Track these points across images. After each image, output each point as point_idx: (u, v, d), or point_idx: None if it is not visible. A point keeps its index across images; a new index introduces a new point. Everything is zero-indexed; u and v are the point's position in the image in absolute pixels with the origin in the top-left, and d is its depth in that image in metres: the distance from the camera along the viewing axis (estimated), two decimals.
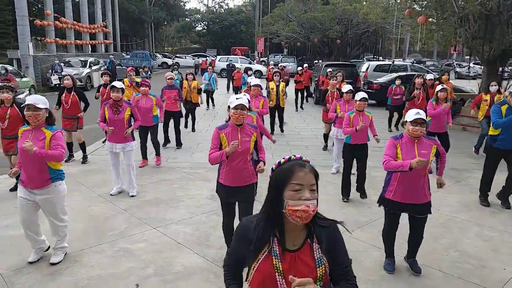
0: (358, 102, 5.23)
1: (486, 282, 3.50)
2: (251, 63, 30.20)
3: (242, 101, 3.30)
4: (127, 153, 5.34)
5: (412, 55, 47.87)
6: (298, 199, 1.47)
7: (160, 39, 56.16)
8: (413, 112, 3.37)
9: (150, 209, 4.99)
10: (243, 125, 3.40)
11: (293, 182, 1.49)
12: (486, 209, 5.20)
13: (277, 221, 1.55)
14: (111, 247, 3.98)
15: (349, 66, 17.04)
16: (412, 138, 3.38)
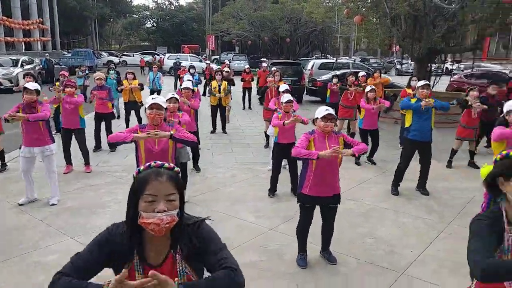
0: (285, 104, 5.44)
1: (394, 265, 3.82)
2: (201, 61, 30.04)
3: (157, 101, 3.35)
4: (47, 158, 4.98)
5: (358, 53, 49.71)
6: (152, 211, 1.41)
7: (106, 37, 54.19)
8: (323, 109, 3.60)
9: (70, 217, 4.73)
10: (160, 126, 3.43)
11: (146, 193, 1.43)
12: (404, 197, 5.62)
13: (137, 233, 1.48)
14: (21, 261, 3.75)
15: (295, 64, 17.48)
16: (323, 133, 3.60)
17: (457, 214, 5.01)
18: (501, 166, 1.66)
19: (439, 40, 11.04)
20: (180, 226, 1.50)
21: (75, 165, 6.55)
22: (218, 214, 4.92)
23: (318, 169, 3.54)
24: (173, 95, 4.98)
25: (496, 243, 1.60)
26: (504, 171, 1.63)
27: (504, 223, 1.61)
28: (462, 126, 6.93)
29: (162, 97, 3.51)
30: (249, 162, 7.32)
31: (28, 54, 23.34)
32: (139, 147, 3.41)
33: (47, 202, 5.13)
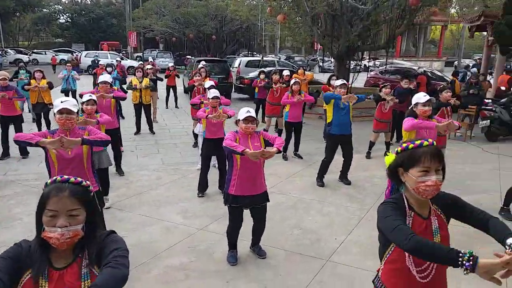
0: (211, 100, 5.40)
1: (320, 253, 3.98)
2: (123, 58, 28.75)
3: (66, 104, 3.09)
4: None
5: (284, 51, 51.21)
6: (53, 226, 1.43)
7: (12, 33, 49.31)
8: (244, 111, 3.62)
9: None
10: (72, 131, 3.18)
11: (48, 208, 1.45)
12: (329, 188, 5.89)
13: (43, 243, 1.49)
14: None
15: (221, 62, 17.46)
16: (245, 134, 3.62)
17: (374, 202, 5.35)
18: (401, 158, 1.77)
19: (356, 38, 11.74)
20: (89, 239, 1.52)
21: None
22: (144, 218, 4.75)
23: (242, 168, 3.55)
24: (91, 96, 4.70)
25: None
26: (403, 163, 1.74)
27: (405, 208, 1.74)
28: (377, 120, 7.44)
29: (73, 100, 3.23)
30: (177, 162, 7.15)
31: None
32: (49, 153, 3.12)
33: None
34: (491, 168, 6.86)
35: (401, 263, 1.75)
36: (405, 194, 1.78)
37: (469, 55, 45.39)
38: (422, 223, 1.73)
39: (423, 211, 1.75)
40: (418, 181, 1.66)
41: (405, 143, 1.79)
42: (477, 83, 9.23)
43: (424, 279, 1.72)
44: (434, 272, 1.72)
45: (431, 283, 1.73)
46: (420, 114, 4.23)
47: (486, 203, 5.09)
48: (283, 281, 3.50)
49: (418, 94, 4.35)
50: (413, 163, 1.69)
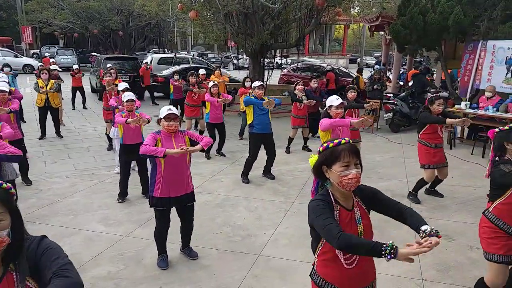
0: (126, 103, 5.16)
1: (251, 249, 4.05)
2: (17, 56, 25.95)
3: None
4: None
5: (196, 47, 50.55)
6: None
7: None
8: (165, 109, 3.54)
9: None
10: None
11: None
12: (253, 184, 6.00)
13: None
14: None
15: (131, 59, 16.70)
16: (169, 133, 3.52)
17: (298, 193, 5.60)
18: (323, 156, 1.92)
19: (268, 36, 12.08)
20: (17, 246, 1.40)
21: None
22: (60, 229, 4.38)
23: (167, 169, 3.46)
24: None
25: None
26: (326, 160, 1.90)
27: (332, 203, 1.89)
28: (294, 116, 7.76)
29: None
30: (91, 167, 6.69)
31: None
32: None
33: None
34: (397, 157, 7.60)
35: (332, 253, 1.90)
36: (331, 190, 1.93)
37: (370, 52, 49.57)
38: (348, 215, 1.90)
39: (348, 203, 1.92)
40: (341, 175, 1.82)
41: (325, 143, 1.94)
42: (380, 79, 10.15)
43: (350, 265, 1.89)
44: (358, 258, 1.89)
45: (357, 268, 1.90)
46: (334, 116, 4.56)
47: (396, 189, 5.64)
48: (217, 280, 3.49)
49: (331, 97, 4.66)
50: (335, 159, 1.85)
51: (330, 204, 1.87)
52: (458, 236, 4.33)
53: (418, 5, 9.22)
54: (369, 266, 1.97)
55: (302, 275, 3.48)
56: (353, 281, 1.90)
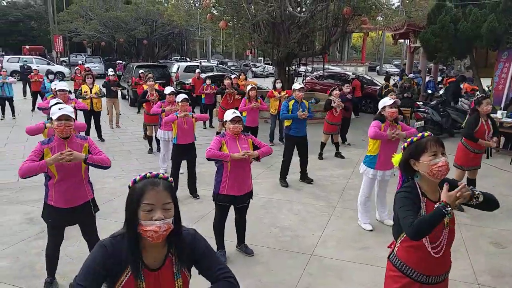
0: (181, 103, 5.49)
1: (302, 248, 4.26)
2: (49, 63, 26.91)
3: (65, 111, 3.01)
4: None
5: (214, 56, 51.30)
6: (150, 219, 1.48)
7: None
8: (230, 112, 3.81)
9: None
10: (71, 138, 3.12)
11: (144, 202, 1.49)
12: (292, 188, 6.22)
13: (136, 240, 1.54)
14: None
15: (161, 67, 17.21)
16: (233, 135, 3.80)
17: (339, 198, 5.79)
18: (409, 151, 2.10)
19: (295, 45, 12.35)
20: (176, 233, 1.58)
21: None
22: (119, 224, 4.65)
23: (232, 170, 3.73)
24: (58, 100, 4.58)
25: (417, 210, 2.03)
26: (413, 154, 2.08)
27: (419, 195, 2.06)
28: (328, 123, 7.96)
29: (69, 107, 3.16)
30: (137, 169, 7.03)
31: None
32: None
33: None
34: None
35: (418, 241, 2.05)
36: (418, 182, 2.09)
37: (389, 60, 49.27)
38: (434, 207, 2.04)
39: (435, 195, 2.07)
40: (431, 164, 1.98)
41: (409, 138, 2.14)
42: (410, 87, 10.27)
43: (438, 253, 2.05)
44: (445, 247, 2.06)
45: (442, 257, 2.07)
46: (388, 116, 4.50)
47: None
48: (276, 276, 3.71)
49: (384, 98, 4.79)
50: (422, 151, 2.03)
51: (417, 196, 2.03)
52: (509, 244, 4.43)
53: (449, 14, 9.35)
54: (449, 254, 2.13)
55: (358, 275, 3.70)
56: (436, 267, 2.08)
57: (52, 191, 3.09)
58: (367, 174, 4.63)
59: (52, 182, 3.08)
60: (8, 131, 9.93)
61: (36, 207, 5.16)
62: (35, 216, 4.89)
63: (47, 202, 3.14)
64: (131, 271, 1.52)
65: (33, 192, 5.77)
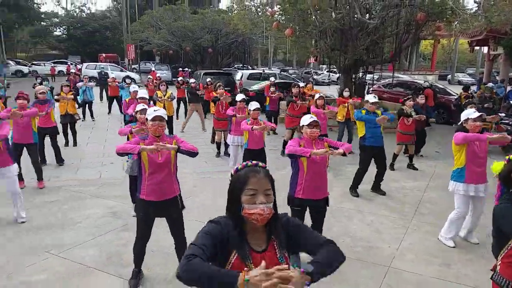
0: (253, 111, 5.61)
1: (378, 260, 4.12)
2: (122, 70, 28.82)
3: (160, 113, 3.28)
4: (8, 180, 4.60)
5: (275, 64, 51.79)
6: (254, 203, 1.60)
7: (11, 44, 49.06)
8: (307, 117, 3.80)
9: (42, 235, 4.46)
10: (161, 137, 3.34)
11: (248, 187, 1.62)
12: (363, 197, 6.04)
13: (239, 223, 1.65)
14: (8, 282, 3.48)
15: (226, 75, 17.69)
16: (310, 139, 3.78)
17: (414, 211, 5.53)
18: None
19: (364, 52, 12.08)
20: (275, 218, 1.69)
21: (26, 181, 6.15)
22: (197, 223, 4.81)
23: (309, 173, 3.70)
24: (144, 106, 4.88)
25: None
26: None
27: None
28: (401, 133, 7.65)
29: (163, 110, 3.41)
30: (207, 171, 7.26)
31: None
32: (142, 157, 3.27)
33: (12, 220, 4.79)
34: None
35: None
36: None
37: (462, 69, 46.40)
38: None
39: None
40: None
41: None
42: (491, 97, 9.58)
43: None
44: None
45: None
46: (471, 130, 4.27)
47: None
48: (351, 286, 3.62)
49: (467, 110, 4.49)
50: None
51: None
52: None
53: None
54: None
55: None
56: None
57: (144, 185, 3.31)
58: (458, 190, 4.33)
59: (145, 176, 3.31)
60: (88, 132, 10.73)
61: (118, 202, 5.54)
62: (118, 211, 5.23)
63: (139, 196, 3.35)
64: (237, 254, 1.61)
65: (113, 188, 6.18)
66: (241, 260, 1.60)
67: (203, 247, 1.54)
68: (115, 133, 10.51)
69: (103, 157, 8.12)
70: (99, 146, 9.06)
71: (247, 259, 1.61)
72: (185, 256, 1.49)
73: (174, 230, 3.52)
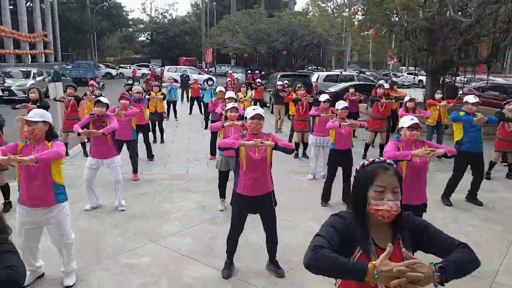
0: (341, 110, 5.49)
1: (482, 273, 3.78)
2: (200, 73, 30.11)
3: (259, 111, 3.36)
4: (113, 169, 5.05)
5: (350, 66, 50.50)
6: (381, 199, 1.57)
7: (102, 49, 54.08)
8: (408, 118, 3.63)
9: (140, 223, 4.79)
10: (258, 135, 3.41)
11: (376, 184, 1.59)
12: (457, 207, 5.61)
13: (364, 219, 1.63)
14: (114, 263, 3.79)
15: (303, 76, 17.63)
16: (409, 141, 3.61)
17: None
18: None
19: (455, 52, 11.27)
20: (401, 216, 1.65)
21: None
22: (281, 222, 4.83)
23: (407, 177, 3.53)
24: (234, 104, 5.07)
25: None
26: None
27: None
28: (499, 139, 6.99)
29: (261, 109, 3.49)
30: (289, 170, 7.27)
31: (34, 66, 23.03)
32: (240, 154, 3.37)
33: (113, 208, 5.20)
34: None
35: None
36: None
37: None
38: None
39: None
40: None
41: None
42: None
43: None
44: None
45: None
46: None
47: None
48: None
49: None
50: None
51: None
52: None
53: None
54: None
55: None
56: None
57: (241, 180, 3.40)
58: None
59: (242, 172, 3.40)
60: (173, 130, 11.33)
61: (205, 197, 5.76)
62: (206, 205, 5.44)
63: (236, 190, 3.46)
64: (362, 249, 1.59)
65: (200, 183, 6.45)
66: (365, 255, 1.58)
67: (328, 239, 1.53)
68: (197, 132, 11.07)
69: (188, 154, 8.52)
70: (183, 144, 9.54)
71: (372, 255, 1.57)
72: (312, 246, 1.48)
73: (267, 224, 3.59)
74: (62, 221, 3.20)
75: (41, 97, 6.59)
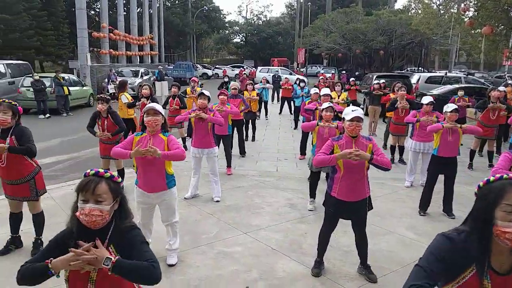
0: (449, 113, 5.07)
1: None
2: (292, 73, 30.27)
3: (358, 113, 3.23)
4: (211, 159, 5.37)
5: (456, 66, 46.28)
6: (510, 221, 1.40)
7: (200, 51, 57.59)
8: None
9: (233, 214, 5.02)
10: (357, 137, 3.30)
11: (505, 203, 1.42)
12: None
13: (484, 240, 1.47)
14: (210, 249, 4.04)
15: (403, 77, 16.66)
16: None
17: None
18: None
19: None
20: None
21: None
22: (373, 227, 4.66)
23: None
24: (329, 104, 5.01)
25: None
26: None
27: None
28: None
29: (361, 110, 3.38)
30: (378, 177, 6.94)
31: (142, 66, 25.53)
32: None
33: (209, 198, 5.54)
34: None
35: None
36: None
37: None
38: None
39: None
40: None
41: None
42: None
43: None
44: None
45: None
46: None
47: None
48: None
49: None
50: None
51: None
52: None
53: None
54: None
55: None
56: None
57: (337, 184, 3.34)
58: None
59: (338, 176, 3.32)
60: (263, 129, 11.55)
61: (294, 196, 5.80)
62: (295, 203, 5.48)
63: (330, 193, 3.40)
64: (475, 270, 1.46)
65: (289, 182, 6.51)
66: (478, 277, 1.46)
67: (429, 271, 1.46)
68: (287, 132, 11.15)
69: (277, 153, 8.64)
70: (273, 142, 9.70)
71: (485, 278, 1.46)
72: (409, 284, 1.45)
73: (357, 226, 3.50)
74: (172, 203, 3.60)
75: (152, 94, 7.22)
